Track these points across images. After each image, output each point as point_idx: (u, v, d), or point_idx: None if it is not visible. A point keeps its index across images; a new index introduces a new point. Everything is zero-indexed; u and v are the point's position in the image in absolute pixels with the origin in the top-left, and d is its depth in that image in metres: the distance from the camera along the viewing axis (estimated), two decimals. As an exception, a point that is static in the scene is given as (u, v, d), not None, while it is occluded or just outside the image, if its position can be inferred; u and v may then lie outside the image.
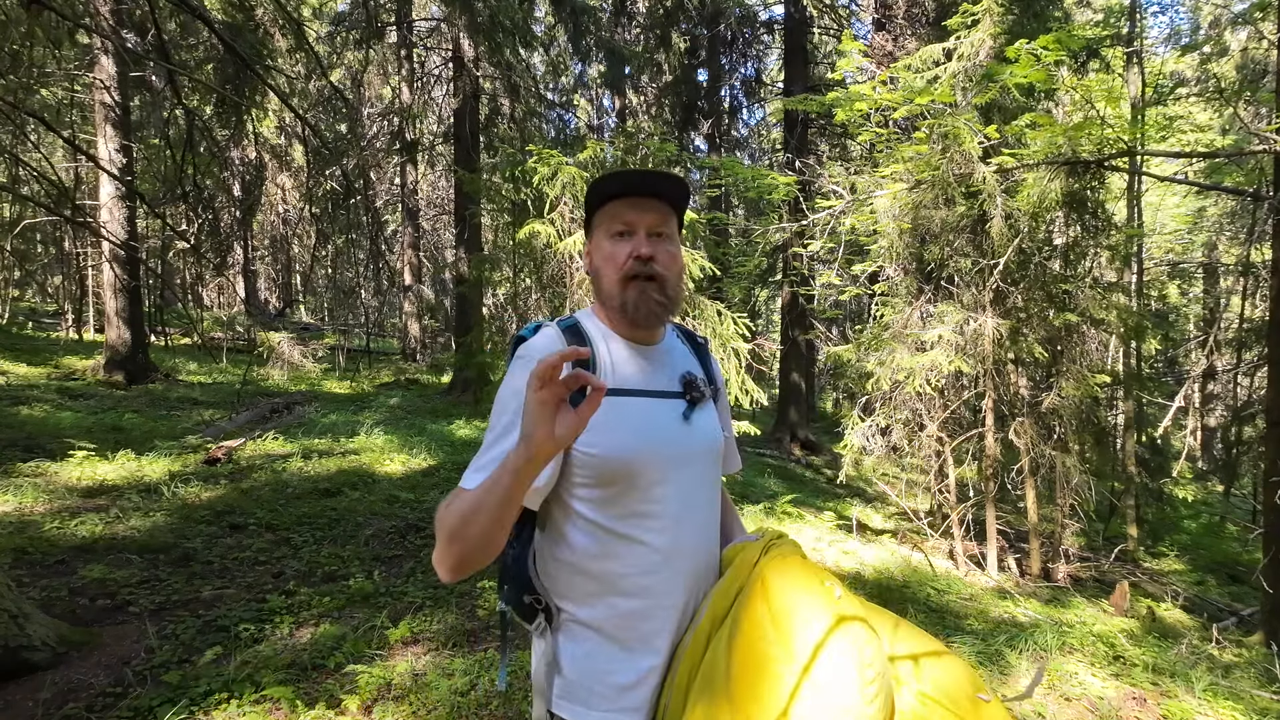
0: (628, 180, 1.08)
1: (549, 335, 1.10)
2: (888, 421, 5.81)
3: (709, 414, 1.15)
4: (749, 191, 6.27)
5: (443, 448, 6.58)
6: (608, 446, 1.01)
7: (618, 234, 1.08)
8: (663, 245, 1.08)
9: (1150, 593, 5.83)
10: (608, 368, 1.08)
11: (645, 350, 1.13)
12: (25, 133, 6.56)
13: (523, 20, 9.40)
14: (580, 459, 1.02)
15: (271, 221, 16.87)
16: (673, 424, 1.08)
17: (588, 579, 1.04)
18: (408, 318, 14.87)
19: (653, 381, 1.10)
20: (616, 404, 1.04)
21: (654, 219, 1.08)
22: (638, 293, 1.06)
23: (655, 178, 1.08)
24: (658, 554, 1.04)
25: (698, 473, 1.11)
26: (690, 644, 1.02)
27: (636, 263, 1.05)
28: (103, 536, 3.71)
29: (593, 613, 1.04)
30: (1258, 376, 11.45)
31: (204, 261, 12.14)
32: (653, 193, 1.09)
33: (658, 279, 1.07)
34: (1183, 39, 14.25)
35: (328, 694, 2.44)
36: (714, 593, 1.07)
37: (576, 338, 1.08)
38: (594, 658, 1.04)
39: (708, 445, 1.13)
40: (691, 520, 1.09)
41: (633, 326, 1.10)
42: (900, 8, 7.47)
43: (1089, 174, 4.78)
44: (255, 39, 5.52)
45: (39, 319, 14.01)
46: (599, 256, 1.11)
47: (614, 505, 1.03)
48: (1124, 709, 2.93)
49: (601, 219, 1.11)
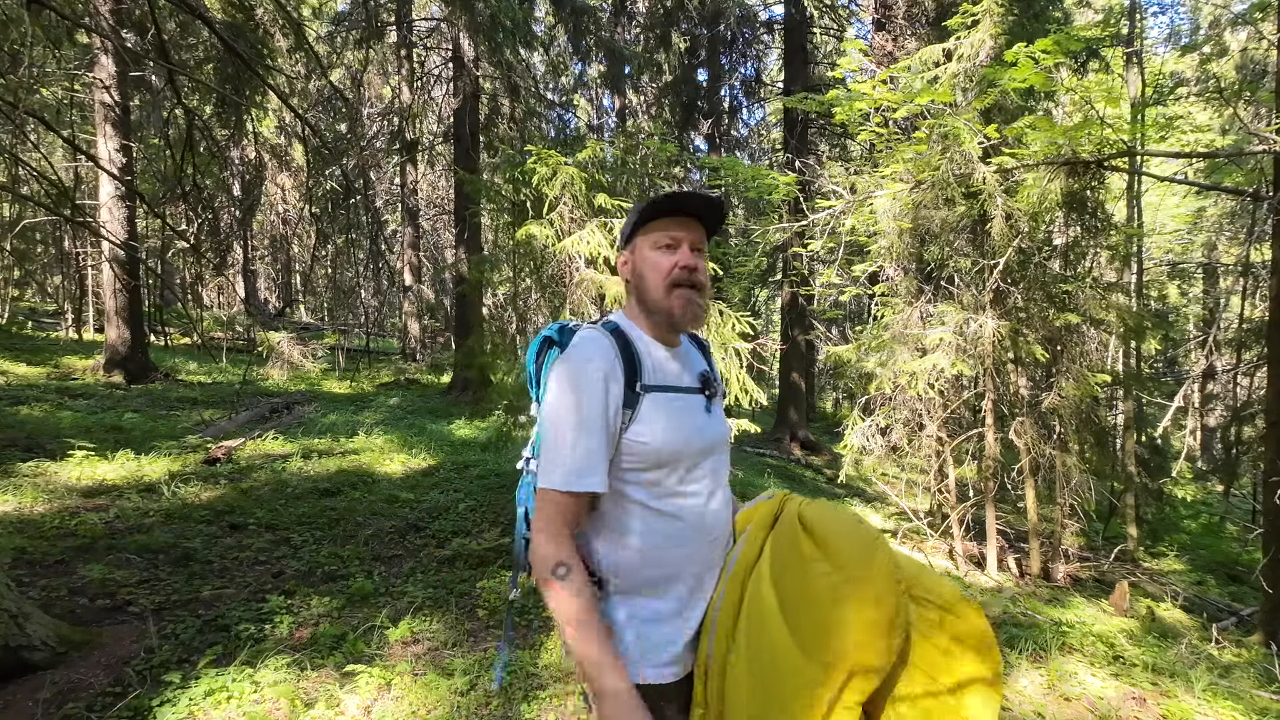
0: (684, 202, 1.23)
1: (599, 339, 1.20)
2: (887, 421, 5.81)
3: (720, 406, 1.34)
4: (749, 191, 6.26)
5: (443, 448, 6.58)
6: (657, 436, 1.17)
7: (665, 246, 1.23)
8: (700, 260, 1.25)
9: (1150, 593, 5.83)
10: (650, 366, 1.22)
11: (672, 351, 1.28)
12: (25, 132, 6.55)
13: (523, 20, 9.39)
14: (634, 447, 1.17)
15: (271, 221, 16.87)
16: (701, 416, 1.25)
17: (633, 552, 1.18)
18: (408, 318, 14.87)
19: (683, 379, 1.26)
20: (662, 400, 1.20)
21: (695, 236, 1.25)
22: (684, 300, 1.22)
23: (704, 201, 1.23)
24: (691, 528, 1.20)
25: (720, 458, 1.29)
26: (726, 591, 1.19)
27: (682, 272, 1.21)
28: (103, 536, 3.71)
29: (640, 580, 1.18)
30: (1257, 376, 11.45)
31: (204, 261, 12.13)
32: (697, 214, 1.25)
33: (699, 287, 1.23)
34: (1182, 39, 14.26)
35: (328, 694, 2.44)
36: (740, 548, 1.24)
37: (621, 339, 1.21)
38: (642, 619, 1.18)
39: (724, 435, 1.32)
40: (716, 498, 1.25)
41: (673, 330, 1.25)
42: (900, 8, 7.47)
43: (1089, 174, 4.77)
44: (255, 39, 5.51)
45: (39, 319, 14.00)
46: (645, 265, 1.24)
47: (658, 486, 1.18)
48: (1124, 709, 2.93)
49: (649, 231, 1.25)
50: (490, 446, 6.56)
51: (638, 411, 1.17)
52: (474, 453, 6.46)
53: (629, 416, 1.16)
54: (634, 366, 1.18)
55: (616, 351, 1.18)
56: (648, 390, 1.18)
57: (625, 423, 1.16)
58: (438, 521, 4.48)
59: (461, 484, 5.34)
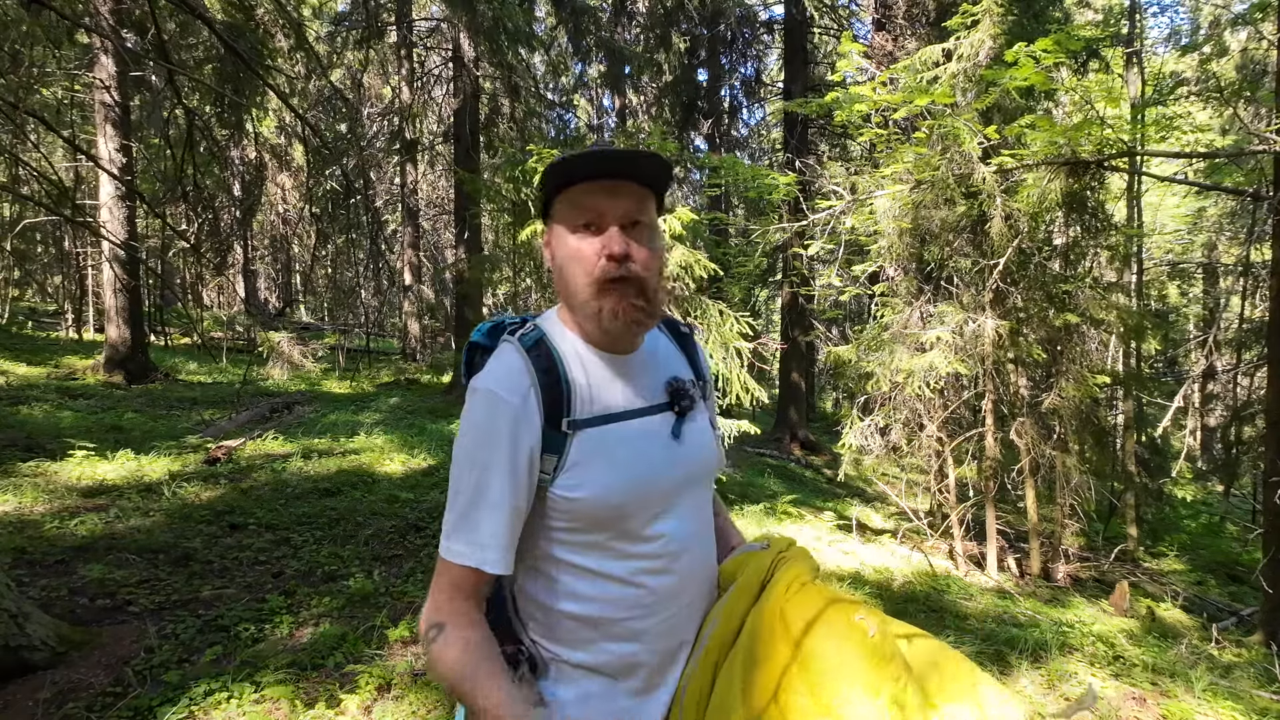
0: (594, 161, 0.85)
1: (510, 362, 0.91)
2: (887, 421, 5.81)
3: (699, 421, 1.00)
4: (749, 191, 6.26)
5: (443, 448, 6.58)
6: (594, 488, 0.87)
7: (584, 226, 0.88)
8: (639, 238, 0.88)
9: (1150, 593, 5.83)
10: (584, 392, 0.90)
11: (623, 361, 0.95)
12: (25, 132, 6.56)
13: (525, 23, 9.39)
14: (561, 504, 0.88)
15: (271, 221, 16.86)
16: (664, 447, 0.94)
17: (579, 623, 0.91)
18: (408, 318, 14.87)
19: (636, 397, 0.94)
20: (599, 435, 0.90)
21: (628, 205, 0.87)
22: (615, 300, 0.87)
23: (627, 156, 0.85)
24: (655, 595, 0.92)
25: (695, 496, 0.98)
26: (698, 671, 0.94)
27: (610, 264, 0.86)
28: (103, 536, 3.71)
29: (589, 656, 0.92)
30: (1258, 376, 11.45)
31: (204, 261, 12.13)
32: (626, 174, 0.88)
33: (636, 281, 0.87)
34: (1183, 39, 14.25)
35: (328, 694, 2.44)
36: (719, 612, 0.97)
37: (543, 358, 0.90)
38: (595, 699, 0.93)
39: (702, 461, 0.99)
40: (691, 552, 0.96)
41: (611, 339, 0.93)
42: (900, 8, 7.47)
43: (1089, 174, 4.77)
44: (255, 39, 5.51)
45: (39, 319, 14.01)
46: (563, 254, 0.90)
47: (604, 549, 0.90)
48: (1124, 709, 2.93)
49: (563, 206, 0.90)
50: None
51: (565, 457, 0.88)
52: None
53: (554, 464, 0.88)
54: (558, 396, 0.88)
55: (533, 379, 0.88)
56: (578, 427, 0.88)
57: (551, 472, 0.88)
58: (438, 521, 4.47)
59: (461, 484, 5.33)
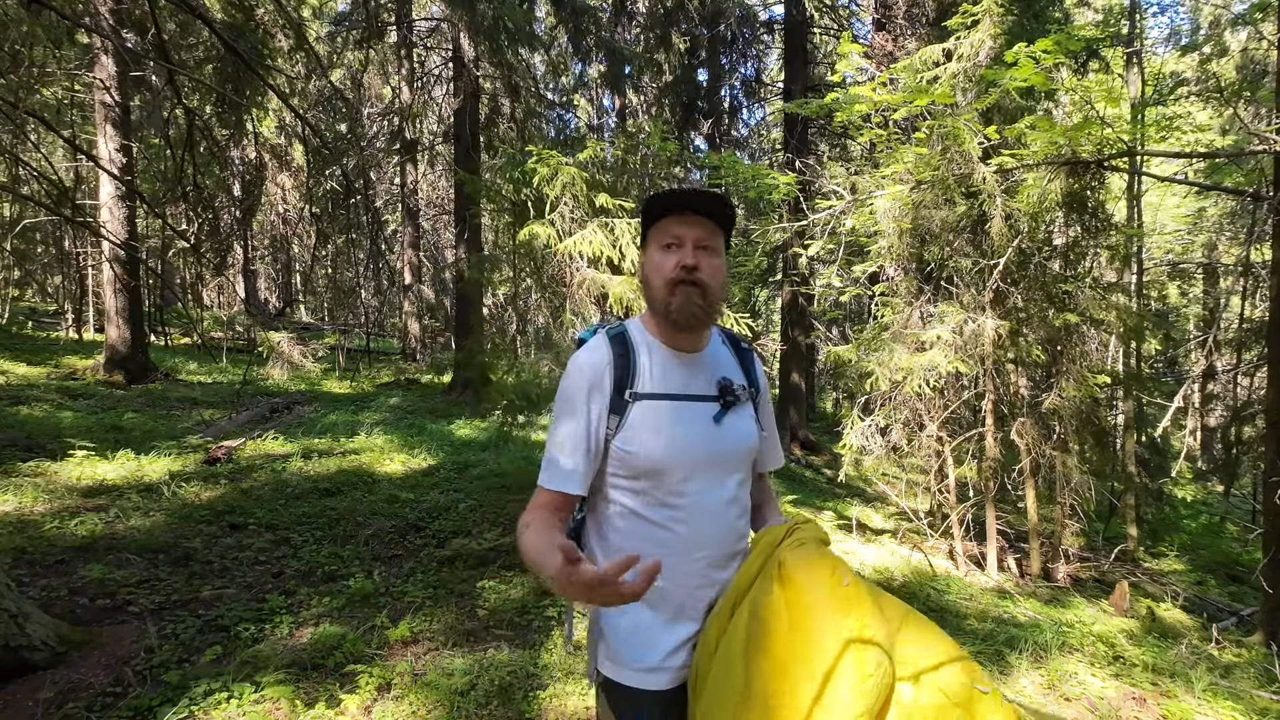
0: (679, 199, 1.18)
1: (594, 345, 1.24)
2: (887, 421, 5.80)
3: (744, 416, 1.26)
4: (749, 191, 6.25)
5: (443, 448, 6.58)
6: (641, 446, 1.16)
7: (667, 246, 1.19)
8: (707, 257, 1.18)
9: (1150, 593, 5.82)
10: (647, 373, 1.20)
11: (686, 357, 1.24)
12: (25, 132, 6.55)
13: (525, 23, 9.38)
14: (619, 454, 1.18)
15: (271, 221, 16.86)
16: (704, 427, 1.20)
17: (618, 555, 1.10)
18: (408, 318, 14.87)
19: (691, 386, 1.22)
20: (654, 407, 1.18)
21: (701, 233, 1.19)
22: (682, 297, 1.16)
23: (704, 197, 1.18)
24: (680, 540, 1.18)
25: (725, 472, 1.22)
26: (719, 610, 1.17)
27: (682, 270, 1.16)
28: (103, 536, 3.71)
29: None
30: (1258, 376, 11.45)
31: (204, 261, 12.13)
32: (701, 211, 1.19)
33: (700, 285, 1.17)
34: (1183, 39, 14.25)
35: (328, 694, 2.44)
36: (740, 570, 1.21)
37: (621, 345, 1.22)
38: (632, 626, 1.19)
39: (739, 445, 1.24)
40: (712, 513, 1.20)
41: (675, 330, 1.21)
42: (900, 8, 7.47)
43: (1089, 174, 4.77)
44: (255, 39, 5.51)
45: (39, 319, 14.00)
46: (649, 266, 1.22)
47: (645, 495, 1.18)
48: (1124, 709, 2.93)
49: (655, 233, 1.22)
50: (490, 446, 6.56)
51: (625, 419, 1.17)
52: (474, 453, 6.46)
53: (616, 424, 1.18)
54: (626, 373, 1.19)
55: (611, 358, 1.20)
56: (638, 398, 1.18)
57: (612, 430, 1.18)
58: (438, 521, 4.48)
59: (462, 484, 5.34)
